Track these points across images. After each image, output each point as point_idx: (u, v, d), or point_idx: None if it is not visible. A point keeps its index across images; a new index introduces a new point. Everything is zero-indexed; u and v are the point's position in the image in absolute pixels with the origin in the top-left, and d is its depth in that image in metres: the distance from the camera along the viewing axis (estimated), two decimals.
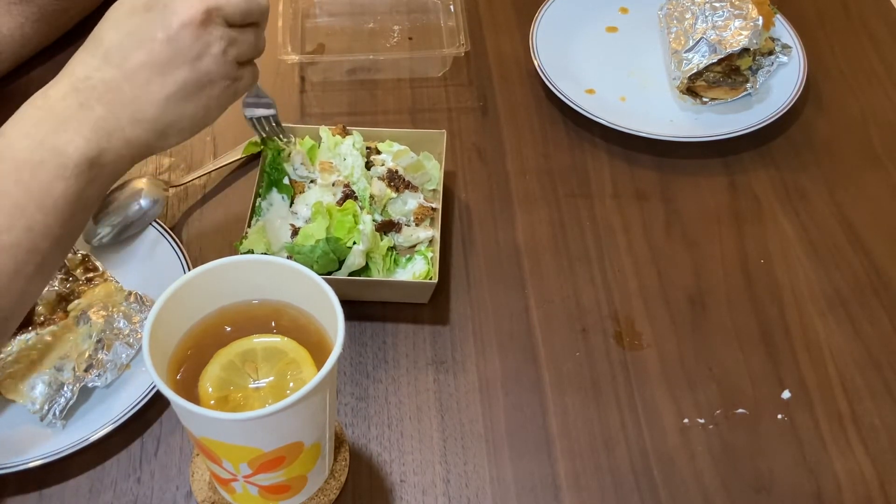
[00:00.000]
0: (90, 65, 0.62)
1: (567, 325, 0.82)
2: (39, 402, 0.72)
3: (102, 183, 0.63)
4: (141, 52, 0.62)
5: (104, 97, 0.60)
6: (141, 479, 0.72)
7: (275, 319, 0.65)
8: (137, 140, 0.63)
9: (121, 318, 0.77)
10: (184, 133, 0.67)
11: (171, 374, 0.61)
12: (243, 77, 0.69)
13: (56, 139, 0.60)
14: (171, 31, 0.62)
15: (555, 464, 0.74)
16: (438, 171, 0.89)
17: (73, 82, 0.62)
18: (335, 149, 0.88)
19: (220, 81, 0.66)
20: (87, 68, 0.62)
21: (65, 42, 1.06)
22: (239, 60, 0.68)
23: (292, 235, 0.81)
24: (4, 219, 0.59)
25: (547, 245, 0.89)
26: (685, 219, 0.91)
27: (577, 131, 0.99)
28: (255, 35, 0.69)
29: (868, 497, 0.72)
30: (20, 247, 0.59)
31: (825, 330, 0.83)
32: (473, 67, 1.06)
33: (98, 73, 0.61)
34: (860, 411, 0.77)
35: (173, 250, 0.83)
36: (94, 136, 0.60)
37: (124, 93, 0.61)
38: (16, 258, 0.60)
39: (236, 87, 0.69)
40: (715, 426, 0.76)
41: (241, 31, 0.67)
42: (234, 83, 0.68)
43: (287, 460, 0.62)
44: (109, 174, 0.64)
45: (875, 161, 0.97)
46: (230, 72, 0.67)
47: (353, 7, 1.12)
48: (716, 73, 0.98)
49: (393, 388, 0.78)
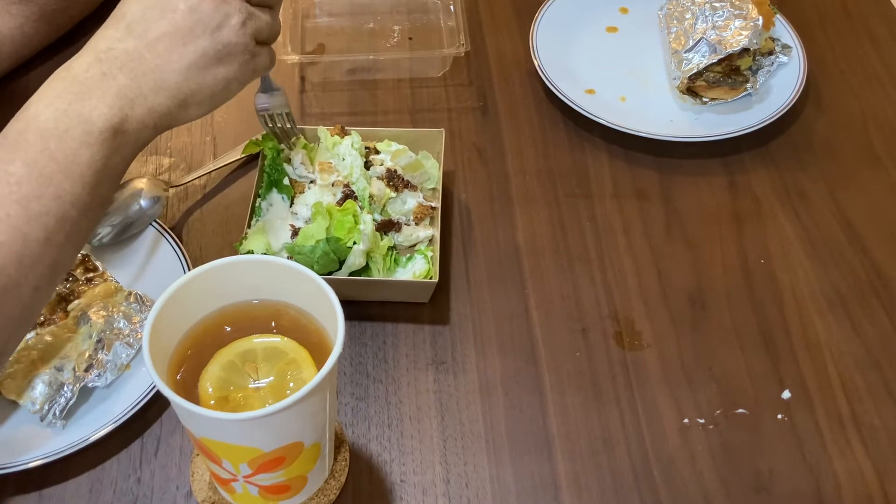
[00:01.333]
0: (113, 37, 0.64)
1: (567, 325, 0.82)
2: (39, 402, 0.72)
3: (127, 152, 0.65)
4: (163, 23, 0.64)
5: (126, 66, 0.62)
6: (141, 479, 0.72)
7: (275, 319, 0.65)
8: (160, 108, 0.65)
9: (121, 318, 0.77)
10: (203, 106, 0.68)
11: (171, 374, 0.61)
12: (261, 55, 0.71)
13: (80, 107, 0.61)
14: (193, 2, 0.64)
15: (555, 464, 0.74)
16: (437, 169, 0.89)
17: (96, 54, 0.63)
18: (333, 149, 0.88)
19: (239, 55, 0.68)
20: (110, 40, 0.64)
21: (65, 42, 1.06)
22: (256, 38, 0.70)
23: (292, 236, 0.81)
24: (32, 187, 0.60)
25: (547, 245, 0.89)
26: (685, 219, 0.91)
27: (577, 131, 0.99)
28: (270, 16, 0.71)
29: (868, 497, 0.72)
30: (50, 215, 0.60)
31: (825, 330, 0.83)
32: (473, 67, 1.06)
33: (120, 43, 0.63)
34: (860, 411, 0.77)
35: (173, 250, 0.83)
36: (118, 103, 0.62)
37: (146, 61, 0.63)
38: (46, 226, 0.60)
39: (255, 63, 0.70)
40: (715, 426, 0.76)
41: (258, 9, 0.69)
42: (252, 59, 0.70)
43: (287, 460, 0.62)
44: (133, 143, 0.65)
45: (875, 161, 0.97)
46: (248, 45, 0.68)
47: (353, 7, 1.12)
48: (716, 73, 0.98)
49: (393, 388, 0.78)
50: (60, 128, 0.60)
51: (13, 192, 0.60)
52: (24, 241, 0.60)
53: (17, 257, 0.60)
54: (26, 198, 0.60)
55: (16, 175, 0.60)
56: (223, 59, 0.67)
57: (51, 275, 0.63)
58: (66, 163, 0.61)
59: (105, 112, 0.61)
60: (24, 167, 0.60)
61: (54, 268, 0.63)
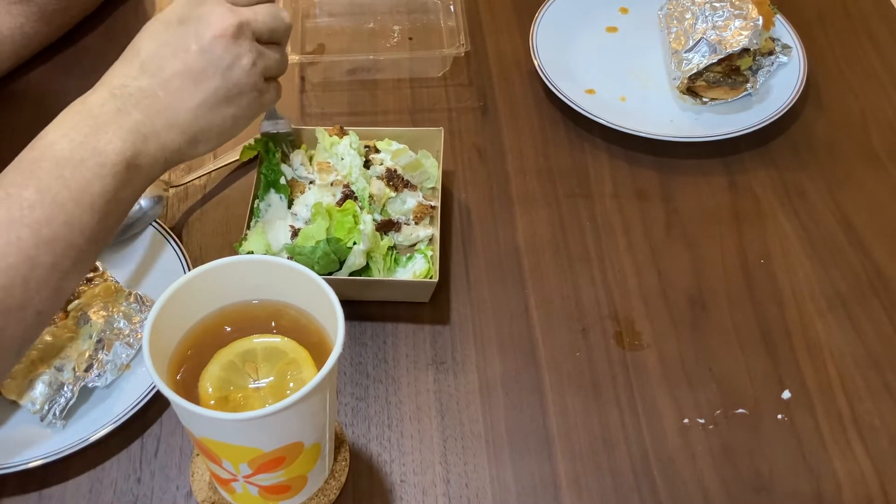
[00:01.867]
0: (127, 74, 0.66)
1: (567, 325, 0.82)
2: (39, 402, 0.72)
3: (137, 185, 0.67)
4: (176, 62, 0.66)
5: (141, 103, 0.64)
6: (141, 479, 0.72)
7: (275, 319, 0.65)
8: (171, 144, 0.67)
9: (121, 318, 0.77)
10: (211, 142, 0.71)
11: (171, 374, 0.61)
12: (269, 91, 0.74)
13: (96, 140, 0.63)
14: (205, 43, 0.67)
15: (555, 464, 0.74)
16: (437, 169, 0.89)
17: (111, 90, 0.65)
18: (332, 149, 0.88)
19: (248, 92, 0.71)
20: (124, 77, 0.66)
21: (65, 42, 1.06)
22: (265, 75, 0.72)
23: (292, 236, 0.81)
24: (45, 212, 0.61)
25: (547, 245, 0.89)
26: (685, 219, 0.91)
27: (577, 131, 0.99)
28: (279, 53, 0.74)
29: (868, 497, 0.72)
30: (59, 241, 0.62)
31: (825, 330, 0.83)
32: (473, 67, 1.06)
33: (135, 81, 0.66)
34: (860, 411, 0.77)
35: (173, 250, 0.83)
36: (132, 138, 0.64)
37: (160, 100, 0.65)
38: (54, 252, 0.62)
39: (262, 100, 0.73)
40: (715, 426, 0.76)
41: (267, 47, 0.72)
42: (260, 96, 0.73)
43: (287, 460, 0.62)
44: (144, 177, 0.67)
45: (875, 161, 0.97)
46: (258, 83, 0.71)
47: (353, 7, 1.12)
48: (716, 73, 0.98)
49: (393, 388, 0.78)
50: (76, 158, 0.62)
51: (25, 217, 0.61)
52: (31, 264, 0.61)
53: (24, 280, 0.61)
54: (38, 222, 0.61)
55: (29, 200, 0.61)
56: (233, 98, 0.70)
57: (54, 299, 0.64)
58: (79, 192, 0.62)
59: (119, 146, 0.63)
60: (38, 193, 0.61)
61: (58, 293, 0.64)
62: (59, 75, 1.04)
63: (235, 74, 0.69)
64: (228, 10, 0.68)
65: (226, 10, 0.68)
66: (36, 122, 1.01)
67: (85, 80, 1.03)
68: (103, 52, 1.07)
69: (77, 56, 1.06)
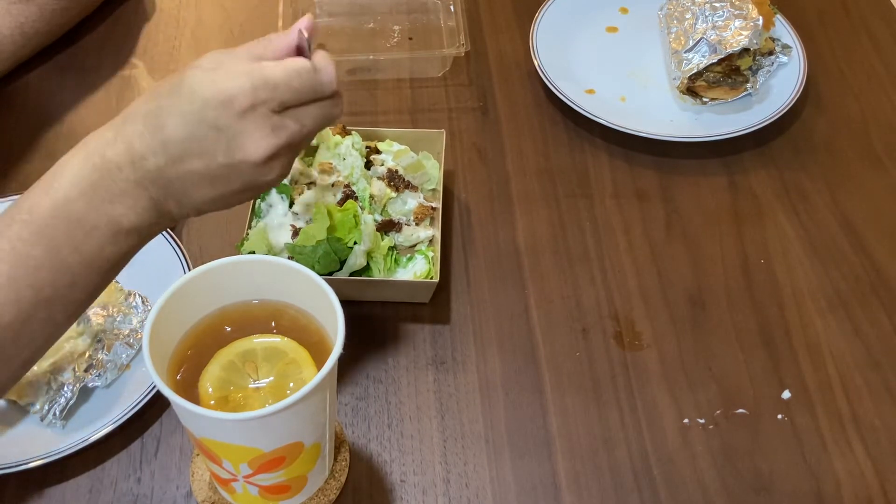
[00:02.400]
0: (149, 145, 0.60)
1: (567, 326, 0.82)
2: (39, 402, 0.72)
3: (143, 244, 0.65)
4: (198, 162, 0.61)
5: (158, 182, 0.61)
6: (141, 479, 0.72)
7: (275, 319, 0.65)
8: (180, 216, 0.64)
9: (121, 318, 0.77)
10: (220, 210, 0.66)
11: (171, 374, 0.61)
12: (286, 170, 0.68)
13: (112, 209, 0.60)
14: (233, 161, 0.61)
15: (555, 464, 0.74)
16: (438, 170, 0.89)
17: (132, 156, 0.60)
18: (334, 149, 0.88)
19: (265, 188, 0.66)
20: (145, 147, 0.60)
21: (65, 42, 1.06)
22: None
23: (293, 236, 0.81)
24: (51, 275, 0.60)
25: (547, 245, 0.89)
26: (685, 219, 0.91)
27: (577, 131, 0.99)
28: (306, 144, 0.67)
29: (868, 497, 0.72)
30: (59, 299, 0.61)
31: (825, 330, 0.83)
32: (473, 67, 1.06)
33: (154, 158, 0.60)
34: (860, 411, 0.77)
35: (173, 250, 0.83)
36: (147, 214, 0.62)
37: (175, 186, 0.61)
38: (51, 308, 0.60)
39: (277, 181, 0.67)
40: (715, 426, 0.76)
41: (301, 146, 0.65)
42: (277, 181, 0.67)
43: (287, 460, 0.62)
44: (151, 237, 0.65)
45: (875, 161, 0.97)
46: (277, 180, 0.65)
47: (353, 7, 1.12)
48: (716, 73, 0.98)
49: (393, 388, 0.78)
50: (90, 223, 0.60)
51: (30, 276, 0.59)
52: (26, 320, 0.60)
53: (16, 335, 0.60)
54: (41, 282, 0.59)
55: (36, 260, 0.59)
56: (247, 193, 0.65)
57: (42, 349, 0.63)
58: (90, 256, 0.61)
59: (134, 219, 0.61)
60: (46, 253, 0.59)
61: (48, 342, 0.63)
62: (59, 75, 1.04)
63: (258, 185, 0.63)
64: (268, 136, 0.60)
65: (265, 134, 0.60)
66: (36, 122, 1.02)
67: (85, 80, 1.04)
68: (103, 52, 1.07)
69: (77, 56, 1.06)
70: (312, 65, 0.61)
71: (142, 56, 1.07)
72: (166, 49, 1.08)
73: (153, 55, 1.07)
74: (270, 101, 0.59)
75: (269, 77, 0.59)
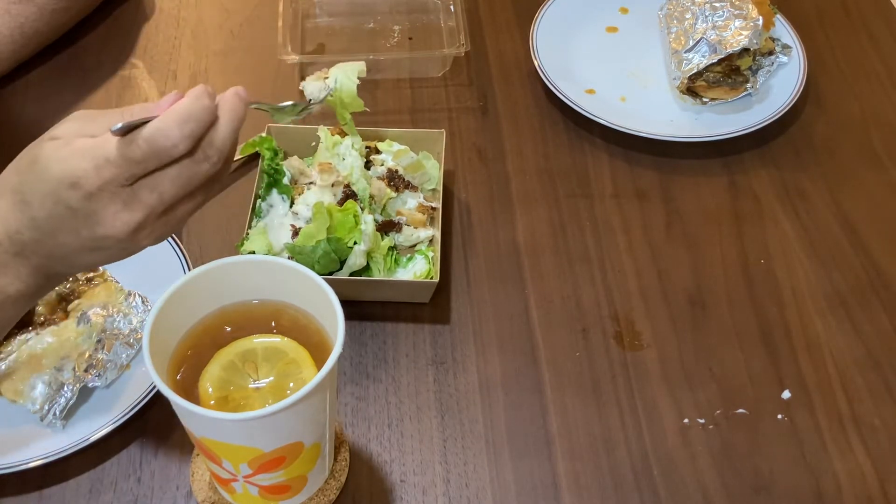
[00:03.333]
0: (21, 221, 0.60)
1: (567, 325, 0.82)
2: (39, 402, 0.72)
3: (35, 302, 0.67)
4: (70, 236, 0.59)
5: (38, 252, 0.61)
6: (141, 479, 0.72)
7: (275, 319, 0.65)
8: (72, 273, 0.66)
9: (121, 318, 0.77)
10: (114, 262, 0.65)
11: (171, 374, 0.61)
12: None
13: None
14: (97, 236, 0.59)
15: (555, 464, 0.74)
16: (438, 170, 0.89)
17: (8, 231, 0.60)
18: (334, 149, 0.88)
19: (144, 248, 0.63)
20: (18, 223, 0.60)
21: (65, 42, 1.06)
22: None
23: (293, 236, 0.81)
24: None
25: (547, 245, 0.89)
26: (685, 219, 0.91)
27: (577, 131, 0.99)
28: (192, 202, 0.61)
29: (868, 497, 0.72)
30: None
31: (825, 330, 0.83)
32: (473, 67, 1.06)
33: (29, 232, 0.60)
34: (860, 411, 0.77)
35: (173, 250, 0.83)
36: (32, 279, 0.62)
37: (56, 254, 0.61)
38: None
39: None
40: (715, 426, 0.76)
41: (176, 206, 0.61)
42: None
43: (287, 460, 0.62)
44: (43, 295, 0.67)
45: (875, 161, 0.97)
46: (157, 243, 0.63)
47: (353, 7, 1.12)
48: (716, 73, 0.98)
49: (393, 388, 0.78)
50: None
51: None
52: None
53: None
54: None
55: None
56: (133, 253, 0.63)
57: None
58: None
59: (21, 287, 0.62)
60: None
61: None
62: (59, 75, 1.04)
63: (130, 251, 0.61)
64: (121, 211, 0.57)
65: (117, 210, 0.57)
66: (36, 122, 1.02)
67: (85, 80, 1.04)
68: (103, 52, 1.07)
69: (77, 56, 1.06)
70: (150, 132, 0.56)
71: (142, 56, 1.07)
72: (166, 49, 1.08)
73: (153, 55, 1.07)
74: (117, 177, 0.56)
75: (109, 155, 0.56)
